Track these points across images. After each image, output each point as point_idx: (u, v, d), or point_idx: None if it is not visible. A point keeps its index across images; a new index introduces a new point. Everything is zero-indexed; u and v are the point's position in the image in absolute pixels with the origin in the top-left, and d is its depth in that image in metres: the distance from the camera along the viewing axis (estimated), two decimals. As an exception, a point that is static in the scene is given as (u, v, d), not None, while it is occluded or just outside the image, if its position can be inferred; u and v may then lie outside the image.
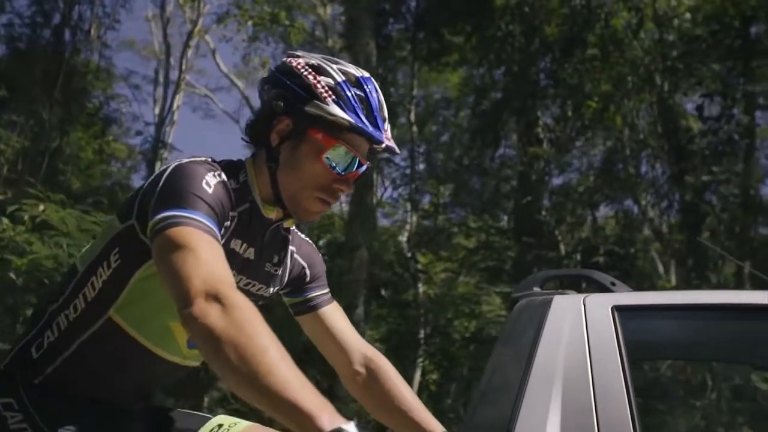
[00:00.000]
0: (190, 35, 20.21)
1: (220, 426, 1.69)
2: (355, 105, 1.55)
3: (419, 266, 13.43)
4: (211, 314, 1.24)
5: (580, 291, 2.38)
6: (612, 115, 12.70)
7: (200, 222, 1.39)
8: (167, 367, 1.63)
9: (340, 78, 1.56)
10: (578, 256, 11.19)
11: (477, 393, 2.19)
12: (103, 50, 15.71)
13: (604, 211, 13.54)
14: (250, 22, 16.36)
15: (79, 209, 7.53)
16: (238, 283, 1.54)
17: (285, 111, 1.55)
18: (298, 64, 1.59)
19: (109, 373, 1.60)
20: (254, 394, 1.16)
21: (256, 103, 1.71)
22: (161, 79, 22.18)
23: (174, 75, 21.19)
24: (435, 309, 12.39)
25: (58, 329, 1.58)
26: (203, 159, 1.53)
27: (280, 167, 1.57)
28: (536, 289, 2.45)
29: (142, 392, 1.70)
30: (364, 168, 1.59)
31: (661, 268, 13.44)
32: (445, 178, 15.50)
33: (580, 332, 2.16)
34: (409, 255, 13.68)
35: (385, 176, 15.82)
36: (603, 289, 2.36)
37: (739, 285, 10.62)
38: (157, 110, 21.86)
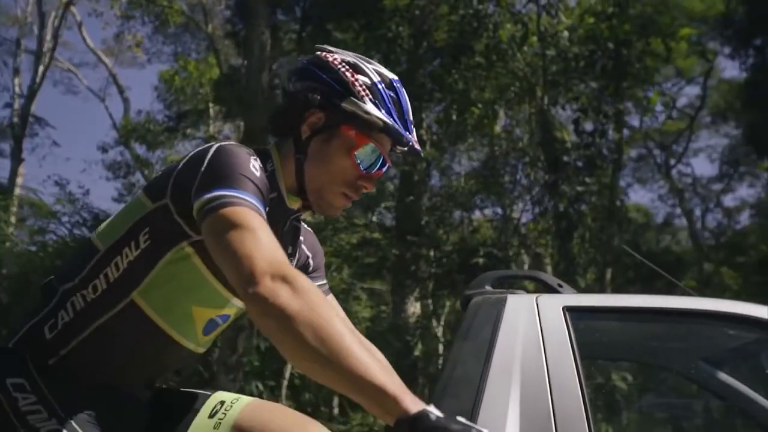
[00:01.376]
0: (65, 5, 19.14)
1: (222, 403, 1.68)
2: (390, 106, 1.59)
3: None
4: (281, 294, 1.24)
5: (528, 291, 2.52)
6: (491, 123, 13.21)
7: (252, 204, 1.39)
8: (181, 353, 1.60)
9: (376, 78, 1.60)
10: (456, 257, 11.58)
11: (439, 385, 2.27)
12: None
13: (487, 213, 14.06)
14: (124, -2, 15.71)
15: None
16: None
17: (319, 105, 1.57)
18: (335, 59, 1.62)
19: (124, 358, 1.55)
20: (333, 375, 1.18)
21: (126, 81, 1.70)
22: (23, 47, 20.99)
23: (38, 46, 20.06)
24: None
25: (73, 310, 1.52)
26: (238, 143, 1.52)
27: (308, 159, 1.58)
28: (488, 287, 2.57)
29: (152, 379, 1.66)
30: (387, 167, 1.63)
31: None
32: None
33: (534, 330, 2.29)
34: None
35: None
36: (550, 290, 2.50)
37: (602, 289, 11.41)
38: (17, 81, 20.60)
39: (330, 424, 9.31)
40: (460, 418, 1.14)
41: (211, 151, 1.47)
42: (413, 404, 1.12)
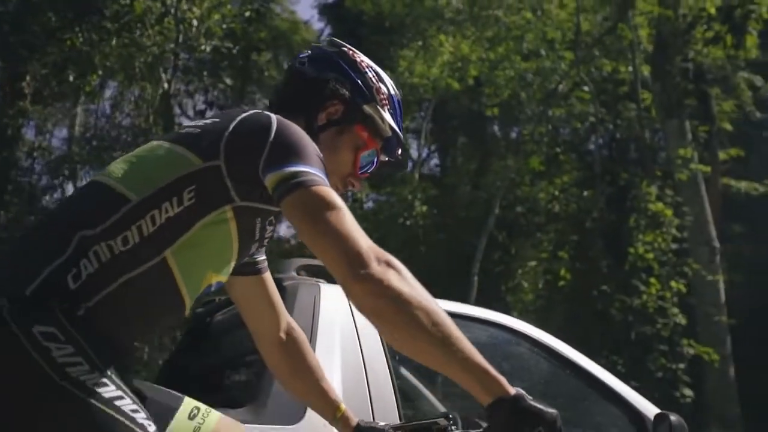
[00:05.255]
0: None
1: (198, 408, 1.63)
2: (399, 119, 1.71)
3: None
4: (392, 278, 1.28)
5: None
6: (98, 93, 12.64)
7: (328, 183, 1.41)
8: (179, 317, 1.51)
9: (392, 90, 1.71)
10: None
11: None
12: None
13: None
14: None
15: None
16: None
17: (342, 98, 1.63)
18: (362, 61, 1.70)
19: (142, 318, 1.41)
20: (443, 357, 1.26)
21: None
22: None
23: None
24: None
25: (97, 260, 1.34)
26: None
27: (318, 146, 1.61)
28: (293, 273, 2.71)
29: (143, 343, 1.49)
30: (371, 170, 1.74)
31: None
32: None
33: (349, 318, 2.50)
34: None
35: None
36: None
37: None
38: None
39: None
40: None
41: (274, 121, 1.46)
42: (510, 387, 1.27)
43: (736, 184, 12.78)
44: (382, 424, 1.90)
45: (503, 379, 1.27)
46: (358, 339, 2.46)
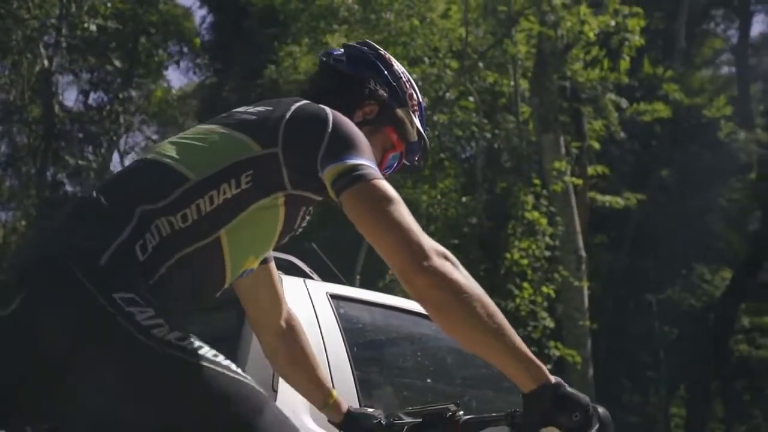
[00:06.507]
0: None
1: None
2: (423, 126, 1.81)
3: None
4: (452, 271, 1.39)
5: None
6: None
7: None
8: (209, 301, 1.55)
9: (420, 98, 1.82)
10: None
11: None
12: None
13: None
14: None
15: None
16: None
17: (378, 100, 1.72)
18: (399, 67, 1.79)
19: (190, 295, 1.45)
20: (496, 346, 1.38)
21: None
22: None
23: None
24: None
25: (159, 234, 1.38)
26: None
27: None
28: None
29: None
30: (392, 172, 1.83)
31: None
32: None
33: (309, 308, 2.59)
34: None
35: None
36: (302, 274, 2.81)
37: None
38: None
39: None
40: None
41: (330, 115, 1.53)
42: (551, 375, 1.41)
43: (601, 198, 13.66)
44: (371, 410, 1.97)
45: (545, 368, 1.42)
46: (320, 331, 2.55)
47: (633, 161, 19.79)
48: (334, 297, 2.71)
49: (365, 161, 1.48)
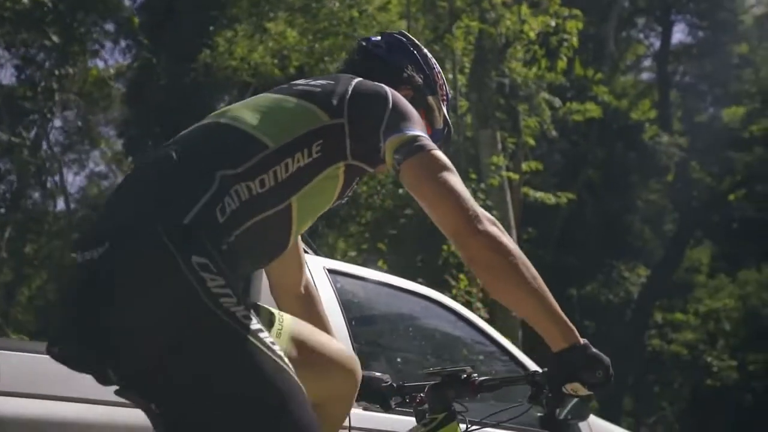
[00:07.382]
0: None
1: (272, 313, 1.73)
2: (447, 114, 1.93)
3: None
4: (502, 235, 1.52)
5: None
6: None
7: None
8: (268, 264, 1.65)
9: (448, 89, 1.95)
10: None
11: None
12: None
13: None
14: None
15: None
16: None
17: (413, 85, 1.83)
18: (432, 57, 1.90)
19: (255, 258, 1.54)
20: (536, 306, 1.52)
21: None
22: None
23: None
24: None
25: (238, 198, 1.44)
26: None
27: None
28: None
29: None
30: None
31: None
32: None
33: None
34: None
35: None
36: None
37: None
38: None
39: None
40: None
41: (389, 92, 1.64)
42: (580, 337, 1.55)
43: (534, 194, 14.03)
44: (378, 374, 2.05)
45: (575, 330, 1.55)
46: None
47: (561, 159, 20.42)
48: (332, 272, 2.77)
49: (423, 133, 1.60)
